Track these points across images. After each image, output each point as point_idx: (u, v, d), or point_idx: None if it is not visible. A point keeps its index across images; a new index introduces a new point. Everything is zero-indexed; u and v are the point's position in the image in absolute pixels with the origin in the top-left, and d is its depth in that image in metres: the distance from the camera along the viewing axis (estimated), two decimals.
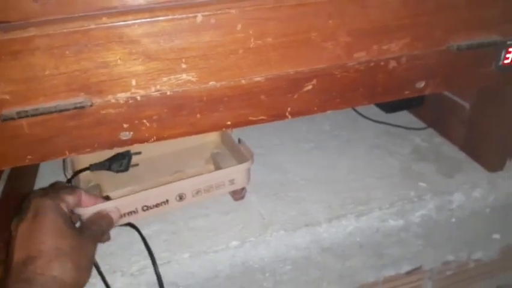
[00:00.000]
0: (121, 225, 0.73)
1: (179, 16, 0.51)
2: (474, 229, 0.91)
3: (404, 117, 1.08)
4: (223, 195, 0.81)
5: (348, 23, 0.58)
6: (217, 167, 0.84)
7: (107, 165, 0.84)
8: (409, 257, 0.89)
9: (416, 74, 0.65)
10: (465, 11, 0.62)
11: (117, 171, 0.85)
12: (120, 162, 0.84)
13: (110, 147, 0.57)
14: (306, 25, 0.56)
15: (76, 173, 0.82)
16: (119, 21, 0.49)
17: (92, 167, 0.83)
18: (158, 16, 0.50)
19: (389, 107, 1.06)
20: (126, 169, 0.85)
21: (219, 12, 0.52)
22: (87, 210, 0.65)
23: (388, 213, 0.82)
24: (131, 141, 0.57)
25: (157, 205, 0.73)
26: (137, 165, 0.87)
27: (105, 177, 0.84)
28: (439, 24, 0.62)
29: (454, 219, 0.87)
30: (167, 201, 0.73)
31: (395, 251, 0.86)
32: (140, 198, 0.71)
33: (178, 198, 0.74)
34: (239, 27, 0.54)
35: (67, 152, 0.55)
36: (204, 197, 0.76)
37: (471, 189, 0.87)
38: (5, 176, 0.74)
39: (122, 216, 0.69)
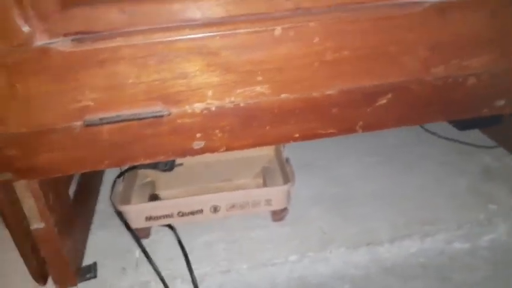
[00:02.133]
0: (160, 226, 0.75)
1: (259, 29, 0.51)
2: None
3: (473, 134, 1.02)
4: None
5: (428, 37, 0.55)
6: (265, 183, 0.83)
7: (154, 163, 0.85)
8: (475, 283, 0.84)
9: (496, 92, 0.62)
10: None
11: (163, 170, 0.85)
12: (165, 162, 0.85)
13: (183, 155, 0.58)
14: (384, 38, 0.55)
15: (129, 168, 0.83)
16: (200, 33, 0.50)
17: (139, 164, 0.85)
18: (238, 29, 0.50)
19: (463, 125, 1.01)
20: (171, 169, 0.85)
21: (298, 25, 0.52)
22: None
23: (455, 236, 0.78)
24: (203, 150, 0.58)
25: (192, 213, 0.74)
26: (181, 164, 0.87)
27: (161, 176, 0.86)
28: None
29: None
30: (201, 210, 0.75)
31: (461, 275, 0.81)
32: (176, 204, 0.74)
33: (212, 209, 0.75)
34: (316, 40, 0.53)
35: (142, 158, 0.57)
36: (239, 212, 0.76)
37: None
38: None
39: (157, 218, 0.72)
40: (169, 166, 0.85)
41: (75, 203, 0.74)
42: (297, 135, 0.60)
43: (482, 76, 0.60)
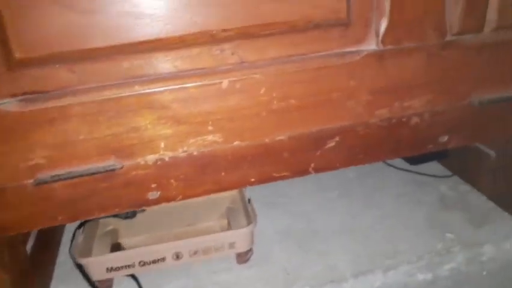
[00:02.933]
0: (124, 276, 0.74)
1: (207, 82, 0.53)
2: (507, 282, 0.87)
3: (430, 165, 1.07)
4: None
5: (369, 83, 0.59)
6: (229, 224, 0.84)
7: None
8: None
9: (439, 129, 0.65)
10: (488, 67, 0.62)
11: (125, 218, 0.84)
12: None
13: (139, 206, 0.58)
14: (327, 86, 0.58)
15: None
16: (150, 89, 0.52)
17: None
18: (187, 83, 0.52)
19: (415, 160, 1.05)
20: (133, 216, 0.84)
21: (244, 78, 0.54)
22: None
23: (416, 267, 0.79)
24: (159, 200, 0.58)
25: (154, 261, 0.73)
26: (144, 210, 0.86)
27: (123, 224, 0.85)
28: (463, 80, 0.62)
29: (485, 272, 0.84)
30: (164, 258, 0.74)
31: None
32: (136, 254, 0.73)
33: (175, 256, 0.74)
34: (263, 90, 0.56)
35: (97, 212, 0.57)
36: (202, 258, 0.76)
37: (502, 240, 0.84)
38: None
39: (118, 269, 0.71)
40: (131, 213, 0.84)
41: (33, 258, 0.72)
42: (252, 179, 0.61)
43: (424, 115, 0.63)
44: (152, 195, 0.58)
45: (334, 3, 0.53)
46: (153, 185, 0.57)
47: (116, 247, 0.82)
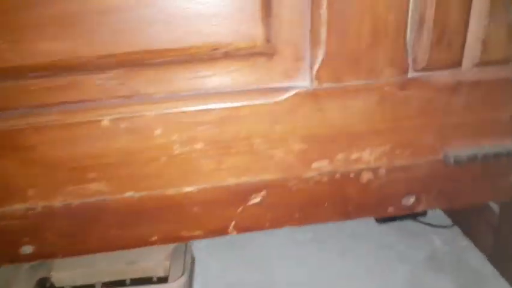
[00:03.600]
0: None
1: (81, 120, 0.42)
2: None
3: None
4: None
5: (301, 128, 0.46)
6: (170, 268, 0.72)
7: None
8: None
9: (401, 188, 0.51)
10: (466, 113, 0.47)
11: None
12: None
13: (11, 262, 0.48)
14: (245, 130, 0.45)
15: None
16: (12, 125, 0.42)
17: None
18: (53, 120, 0.42)
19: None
20: None
21: (133, 115, 0.43)
22: None
23: None
24: (34, 257, 0.48)
25: None
26: None
27: None
28: (431, 128, 0.48)
29: None
30: None
31: None
32: None
33: None
34: (159, 131, 0.44)
35: None
36: None
37: None
38: None
39: None
40: None
41: None
42: (154, 238, 0.49)
43: (379, 171, 0.49)
44: (26, 249, 0.47)
45: (248, 27, 0.41)
46: (25, 239, 0.47)
47: (43, 283, 0.73)
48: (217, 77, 0.43)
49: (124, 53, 0.41)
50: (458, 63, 0.45)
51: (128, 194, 0.47)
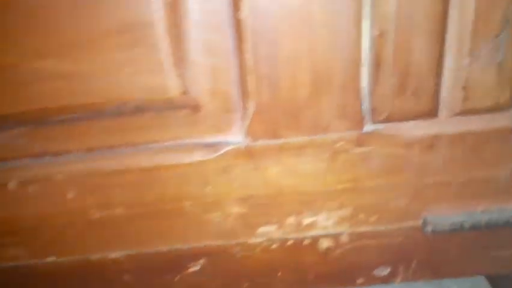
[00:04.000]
0: None
1: None
2: None
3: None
4: None
5: (238, 190, 0.38)
6: None
7: None
8: None
9: (372, 258, 0.42)
10: (448, 171, 0.38)
11: None
12: None
13: None
14: (173, 192, 0.38)
15: None
16: None
17: None
18: None
19: None
20: None
21: (38, 177, 0.38)
22: None
23: None
24: None
25: None
26: None
27: None
28: (401, 191, 0.38)
29: None
30: None
31: None
32: None
33: None
34: (71, 195, 0.38)
35: None
36: None
37: None
38: None
39: None
40: None
41: None
42: None
43: (340, 238, 0.41)
44: None
45: (158, 78, 0.34)
46: None
47: None
48: (131, 134, 0.37)
49: (27, 111, 0.36)
50: (432, 113, 0.35)
51: (50, 259, 0.42)
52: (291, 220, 0.40)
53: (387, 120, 0.35)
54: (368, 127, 0.36)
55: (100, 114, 0.36)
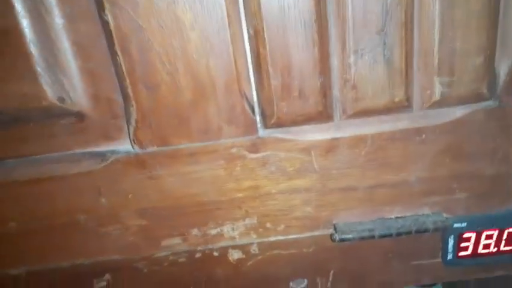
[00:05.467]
0: None
1: None
2: None
3: None
4: None
5: (134, 201, 0.36)
6: None
7: None
8: None
9: (286, 269, 0.40)
10: (352, 175, 0.35)
11: None
12: None
13: None
14: (62, 205, 0.36)
15: None
16: None
17: None
18: None
19: None
20: None
21: None
22: None
23: None
24: None
25: None
26: None
27: None
28: (305, 198, 0.36)
29: None
30: None
31: None
32: None
33: None
34: None
35: None
36: None
37: None
38: None
39: None
40: None
41: None
42: None
43: (250, 248, 0.39)
44: None
45: (35, 85, 0.32)
46: None
47: None
48: (13, 145, 0.35)
49: None
50: (326, 116, 0.33)
51: None
52: (195, 232, 0.38)
53: (280, 124, 0.33)
54: (262, 132, 0.34)
55: None
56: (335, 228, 0.37)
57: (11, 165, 0.36)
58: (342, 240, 0.36)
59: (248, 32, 0.30)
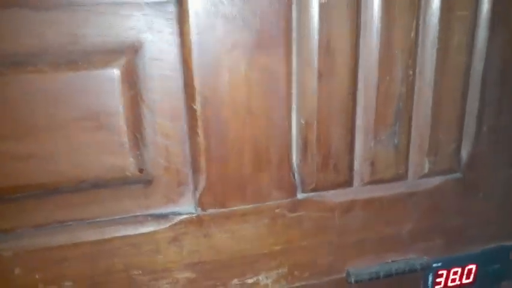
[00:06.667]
0: None
1: None
2: None
3: None
4: None
5: (187, 257, 0.42)
6: None
7: None
8: None
9: None
10: (363, 230, 0.46)
11: None
12: None
13: None
14: (121, 263, 0.40)
15: None
16: None
17: None
18: None
19: None
20: None
21: None
22: None
23: None
24: None
25: None
26: None
27: None
28: (327, 248, 0.45)
29: None
30: None
31: None
32: None
33: None
34: (18, 270, 0.38)
35: None
36: None
37: None
38: None
39: None
40: None
41: None
42: None
43: None
44: None
45: (116, 158, 0.37)
46: None
47: None
48: (84, 209, 0.39)
49: None
50: (348, 183, 0.44)
51: None
52: (235, 281, 0.44)
53: (315, 189, 0.43)
54: (300, 195, 0.43)
55: (56, 192, 0.38)
56: (349, 273, 0.46)
57: (76, 227, 0.39)
58: (356, 281, 0.45)
59: (299, 121, 0.40)
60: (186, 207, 0.41)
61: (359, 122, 0.41)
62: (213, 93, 0.37)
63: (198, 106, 0.37)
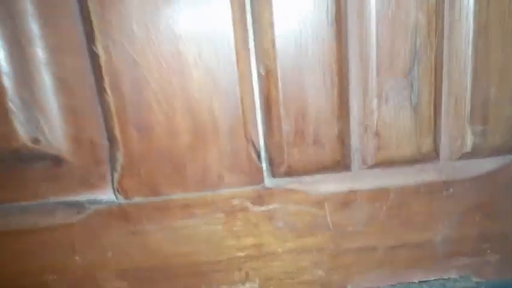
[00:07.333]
0: None
1: None
2: None
3: None
4: None
5: (114, 260, 0.31)
6: None
7: None
8: None
9: None
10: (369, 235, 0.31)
11: None
12: None
13: None
14: (35, 263, 0.31)
15: None
16: None
17: None
18: None
19: None
20: None
21: None
22: None
23: None
24: None
25: None
26: None
27: None
28: (319, 257, 0.32)
29: None
30: None
31: None
32: None
33: None
34: None
35: None
36: None
37: None
38: None
39: None
40: None
41: None
42: None
43: None
44: None
45: (5, 123, 0.27)
46: None
47: None
48: None
49: None
50: (343, 165, 0.29)
51: None
52: None
53: (290, 173, 0.29)
54: (269, 182, 0.30)
55: None
56: None
57: None
58: None
59: (258, 71, 0.27)
60: (105, 194, 0.30)
61: (353, 66, 0.26)
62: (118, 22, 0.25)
63: (99, 48, 0.25)
